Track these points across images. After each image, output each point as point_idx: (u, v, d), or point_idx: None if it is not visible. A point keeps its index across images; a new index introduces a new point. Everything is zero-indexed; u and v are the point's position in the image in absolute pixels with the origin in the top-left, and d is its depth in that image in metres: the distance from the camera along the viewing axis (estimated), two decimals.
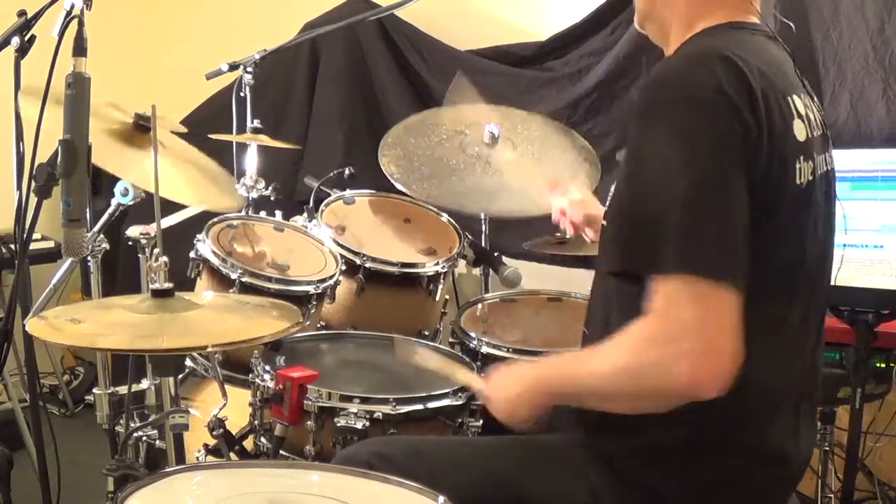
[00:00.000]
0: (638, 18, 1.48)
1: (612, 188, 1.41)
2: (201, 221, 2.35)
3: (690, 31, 1.36)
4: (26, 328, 1.37)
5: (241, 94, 2.84)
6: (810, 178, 1.28)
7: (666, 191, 1.17)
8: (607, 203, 1.45)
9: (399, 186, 2.47)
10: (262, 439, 1.84)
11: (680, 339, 1.14)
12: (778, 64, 1.31)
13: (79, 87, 1.48)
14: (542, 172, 2.33)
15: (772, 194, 1.22)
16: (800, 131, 1.28)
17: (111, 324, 1.39)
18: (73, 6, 1.52)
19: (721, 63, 1.21)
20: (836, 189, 1.44)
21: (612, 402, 1.28)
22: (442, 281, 2.47)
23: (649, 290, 1.18)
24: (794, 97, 1.30)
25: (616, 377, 1.22)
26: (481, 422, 1.79)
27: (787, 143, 1.24)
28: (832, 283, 1.45)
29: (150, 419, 1.97)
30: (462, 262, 2.64)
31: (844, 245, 2.31)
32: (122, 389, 2.14)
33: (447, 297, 2.61)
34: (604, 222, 1.46)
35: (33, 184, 1.54)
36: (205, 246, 2.24)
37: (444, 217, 2.63)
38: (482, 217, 2.77)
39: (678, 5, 1.37)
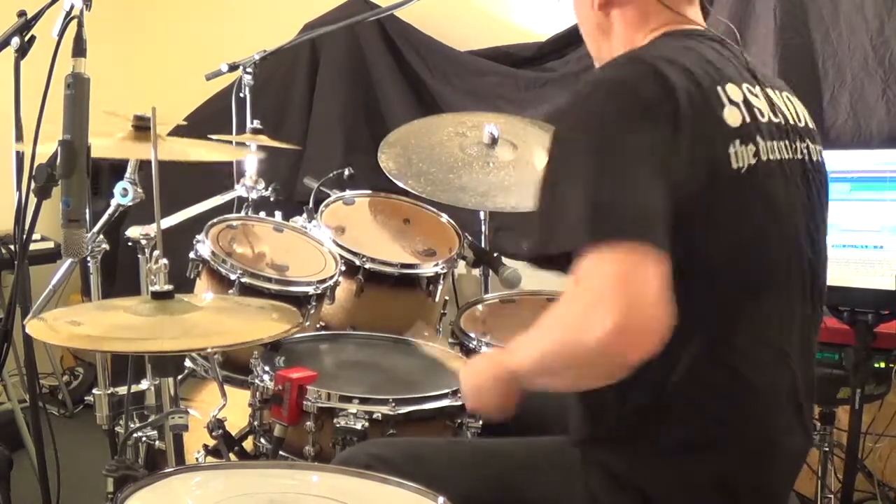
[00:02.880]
0: (592, 56, 1.53)
1: None
2: (201, 222, 2.35)
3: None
4: (26, 329, 1.37)
5: (241, 95, 2.84)
6: (752, 161, 1.28)
7: (565, 177, 1.22)
8: None
9: (396, 181, 2.48)
10: (262, 440, 1.84)
11: (597, 303, 1.12)
12: (706, 59, 1.33)
13: (78, 87, 1.48)
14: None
15: (705, 181, 1.23)
16: (732, 118, 1.28)
17: (111, 325, 1.40)
18: (72, 7, 1.53)
19: (632, 64, 1.28)
20: (821, 183, 1.44)
21: (556, 379, 1.27)
22: (441, 282, 2.47)
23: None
24: (727, 86, 1.31)
25: (551, 352, 1.23)
26: (481, 422, 1.79)
27: (716, 129, 1.26)
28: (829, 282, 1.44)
29: (149, 420, 1.97)
30: (461, 263, 2.64)
31: (844, 245, 2.32)
32: (122, 390, 2.14)
33: (447, 297, 2.61)
34: None
35: (33, 184, 1.55)
36: (204, 246, 2.24)
37: (444, 218, 2.63)
38: (482, 217, 2.78)
39: (614, 34, 1.44)
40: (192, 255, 2.26)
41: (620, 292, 1.12)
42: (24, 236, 1.65)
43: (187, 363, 2.28)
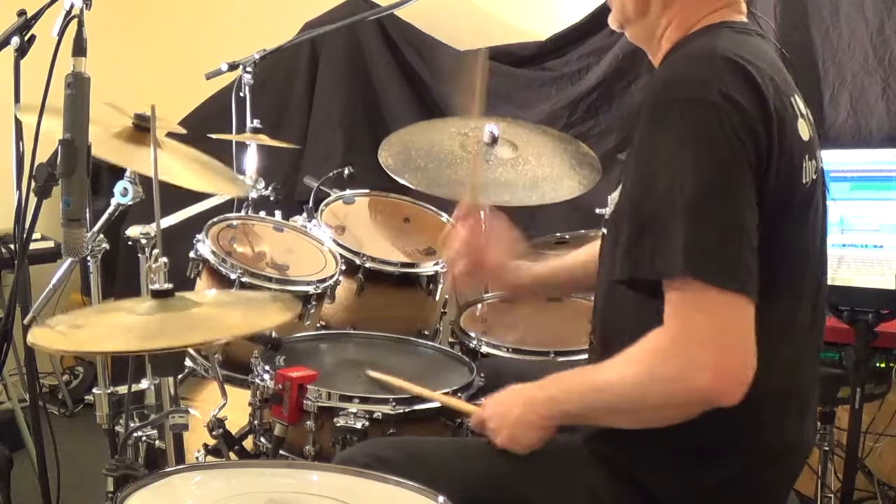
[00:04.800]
0: (618, 18, 1.45)
1: (614, 194, 1.40)
2: (201, 221, 2.35)
3: (684, 31, 1.36)
4: (28, 336, 1.37)
5: (241, 94, 2.84)
6: (814, 176, 1.29)
7: (673, 196, 1.16)
8: (610, 209, 1.44)
9: (393, 175, 2.48)
10: (262, 439, 1.84)
11: (698, 349, 1.14)
12: (777, 65, 1.31)
13: (78, 87, 1.48)
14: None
15: (784, 196, 1.23)
16: (804, 131, 1.28)
17: (112, 327, 1.39)
18: (72, 6, 1.53)
19: (726, 66, 1.21)
20: (829, 187, 1.44)
21: (624, 417, 1.26)
22: (442, 281, 2.47)
23: (663, 297, 1.17)
24: (795, 97, 1.30)
25: (631, 390, 1.21)
26: None
27: (795, 143, 1.25)
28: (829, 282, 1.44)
29: (149, 419, 1.97)
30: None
31: (844, 245, 2.32)
32: (122, 389, 2.14)
33: (447, 296, 2.61)
34: (603, 230, 1.45)
35: (33, 184, 1.55)
36: (204, 246, 2.24)
37: (444, 217, 2.63)
38: (482, 217, 2.77)
39: (675, 7, 1.36)
40: (192, 254, 2.26)
41: (721, 345, 1.15)
42: (24, 236, 1.65)
43: (187, 362, 2.28)
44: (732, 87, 1.19)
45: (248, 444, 1.95)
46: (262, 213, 2.59)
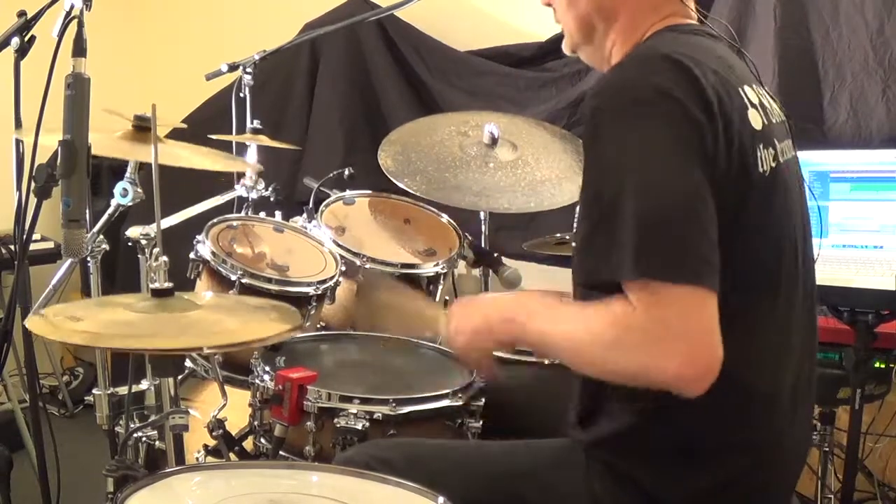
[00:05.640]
0: (569, 43, 1.46)
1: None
2: (201, 222, 2.35)
3: (631, 45, 1.37)
4: (26, 327, 1.37)
5: (241, 95, 2.84)
6: (773, 164, 1.29)
7: (619, 199, 1.17)
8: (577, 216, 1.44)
9: (393, 179, 2.48)
10: (262, 440, 1.84)
11: (665, 338, 1.14)
12: (723, 59, 1.32)
13: (78, 87, 1.49)
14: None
15: (738, 185, 1.23)
16: (755, 120, 1.28)
17: (109, 322, 1.39)
18: (72, 7, 1.53)
19: (662, 63, 1.22)
20: (803, 178, 1.44)
21: (576, 363, 1.27)
22: (442, 282, 2.47)
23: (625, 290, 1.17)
24: (745, 87, 1.31)
25: (597, 350, 1.21)
26: (481, 423, 1.79)
27: (745, 132, 1.25)
28: (820, 283, 1.44)
29: (149, 420, 1.97)
30: (462, 263, 2.64)
31: (844, 245, 2.32)
32: (122, 390, 2.14)
33: (447, 297, 2.61)
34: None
35: (33, 184, 1.55)
36: (204, 247, 2.24)
37: (444, 218, 2.63)
38: (482, 217, 2.78)
39: (619, 22, 1.38)
40: (192, 255, 2.26)
41: (687, 337, 1.14)
42: (24, 236, 1.65)
43: (187, 363, 2.28)
44: (667, 81, 1.19)
45: (248, 444, 1.95)
46: (262, 214, 2.59)
